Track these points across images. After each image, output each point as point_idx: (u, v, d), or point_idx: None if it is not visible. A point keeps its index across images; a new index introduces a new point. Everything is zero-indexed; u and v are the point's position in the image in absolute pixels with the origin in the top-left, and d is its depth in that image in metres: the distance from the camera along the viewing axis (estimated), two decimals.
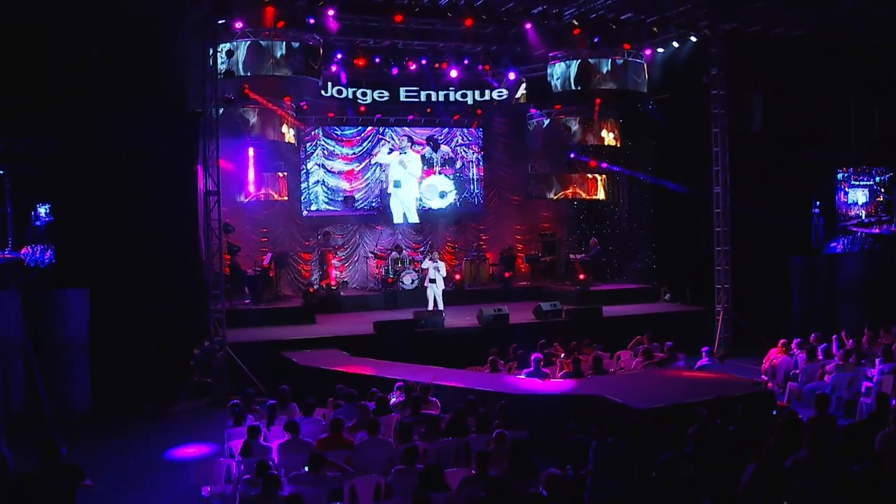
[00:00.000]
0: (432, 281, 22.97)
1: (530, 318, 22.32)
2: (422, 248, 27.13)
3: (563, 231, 29.14)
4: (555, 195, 28.18)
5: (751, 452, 9.86)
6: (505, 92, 26.88)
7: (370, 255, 26.84)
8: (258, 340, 20.57)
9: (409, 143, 27.59)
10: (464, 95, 26.80)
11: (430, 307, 22.77)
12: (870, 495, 9.05)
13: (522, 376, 15.76)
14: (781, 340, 18.28)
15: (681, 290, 25.22)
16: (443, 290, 23.27)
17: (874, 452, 10.40)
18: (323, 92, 24.71)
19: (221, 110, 22.61)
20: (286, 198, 25.73)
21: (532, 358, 15.85)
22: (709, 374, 15.93)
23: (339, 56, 24.66)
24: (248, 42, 21.04)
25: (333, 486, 9.99)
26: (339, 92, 25.56)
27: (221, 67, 20.62)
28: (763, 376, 17.92)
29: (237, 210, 25.22)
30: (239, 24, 20.64)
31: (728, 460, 9.87)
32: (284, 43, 21.13)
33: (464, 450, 11.50)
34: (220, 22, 19.83)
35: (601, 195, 28.13)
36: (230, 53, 20.17)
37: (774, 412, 11.93)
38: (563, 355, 17.80)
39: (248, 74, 21.27)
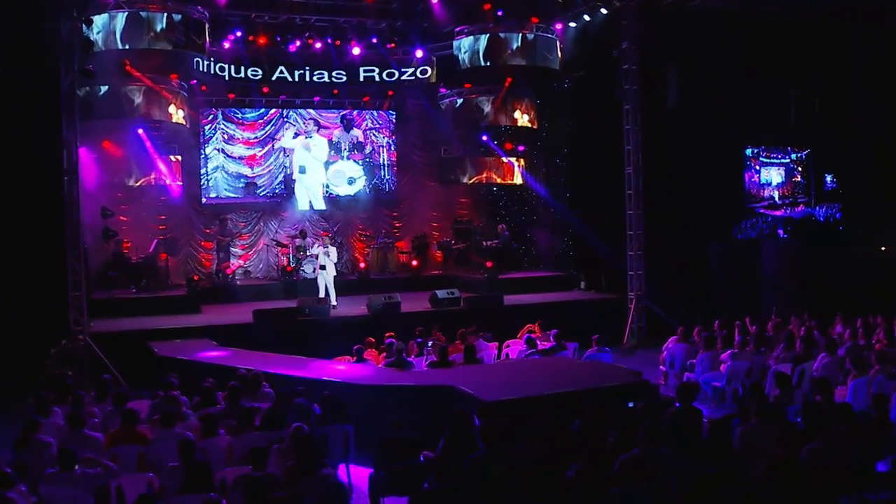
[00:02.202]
0: (322, 268, 21.54)
1: (427, 307, 20.93)
2: (330, 235, 25.56)
3: (480, 217, 27.66)
4: (469, 180, 26.97)
5: (590, 450, 8.55)
6: (410, 70, 25.33)
7: (272, 242, 25.25)
8: (132, 330, 19.23)
9: (316, 127, 26.09)
10: (371, 75, 25.24)
11: (322, 295, 21.31)
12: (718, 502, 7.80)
13: (382, 365, 14.42)
14: (680, 328, 17.01)
15: (596, 278, 23.90)
16: (334, 278, 21.84)
17: (732, 451, 9.10)
18: (216, 70, 23.14)
19: (105, 89, 21.52)
20: (180, 182, 24.21)
21: (394, 347, 14.54)
22: (588, 365, 14.59)
23: (238, 33, 23.22)
24: (127, 13, 19.70)
25: (98, 485, 8.52)
26: (238, 71, 23.98)
27: (98, 38, 19.33)
28: (661, 366, 16.71)
29: (131, 195, 23.91)
30: None
31: (562, 459, 8.47)
32: (165, 15, 19.87)
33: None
34: None
35: (518, 179, 26.85)
36: (89, 23, 18.51)
37: (631, 404, 10.53)
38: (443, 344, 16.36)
39: (127, 47, 19.94)
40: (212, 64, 23.10)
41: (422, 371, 14.33)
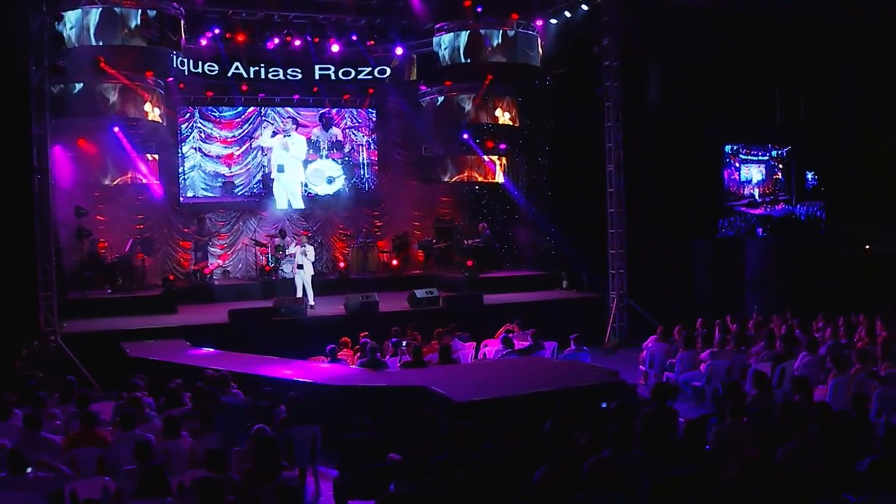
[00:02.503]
0: (300, 267, 21.22)
1: (406, 307, 20.67)
2: (310, 235, 25.26)
3: (462, 216, 27.38)
4: (450, 178, 26.72)
5: (560, 452, 8.27)
6: (388, 70, 24.98)
7: (251, 242, 24.94)
8: (105, 331, 18.87)
9: (294, 126, 25.77)
10: (350, 73, 24.93)
11: (299, 295, 21.02)
12: None
13: (356, 366, 14.16)
14: (660, 327, 16.79)
15: (578, 277, 23.65)
16: (312, 277, 21.54)
17: (707, 451, 8.86)
18: (186, 66, 22.82)
19: (80, 87, 21.25)
20: (157, 181, 23.88)
21: (368, 346, 14.28)
22: (564, 364, 14.34)
23: (215, 31, 22.90)
24: (101, 9, 19.39)
25: (51, 490, 8.25)
26: (216, 69, 23.65)
27: (71, 34, 19.15)
28: (641, 366, 16.48)
29: (108, 194, 23.66)
30: None
31: (531, 461, 8.20)
32: (139, 11, 19.56)
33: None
34: None
35: (500, 178, 26.59)
36: (59, 18, 18.21)
37: (604, 405, 10.27)
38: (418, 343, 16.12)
39: (101, 44, 19.62)
40: (189, 61, 22.88)
41: (395, 371, 14.07)
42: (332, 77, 24.83)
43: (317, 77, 24.70)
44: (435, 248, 26.03)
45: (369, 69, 24.87)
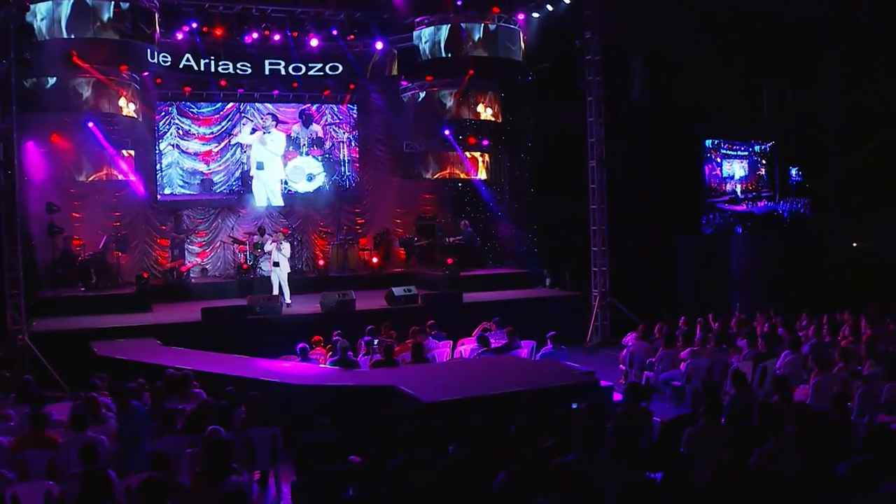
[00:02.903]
0: (276, 264, 20.84)
1: (384, 305, 20.34)
2: (290, 232, 24.90)
3: (445, 213, 26.99)
4: (432, 175, 26.29)
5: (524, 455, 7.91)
6: (371, 63, 24.58)
7: (230, 240, 24.54)
8: (76, 329, 18.41)
9: (274, 122, 25.35)
10: (333, 68, 24.53)
11: (275, 293, 20.64)
12: None
13: (327, 365, 13.80)
14: (641, 325, 16.46)
15: (561, 275, 23.30)
16: (289, 275, 21.20)
17: (680, 454, 8.51)
18: (162, 61, 22.35)
19: (53, 81, 20.87)
20: (133, 178, 23.45)
21: (338, 345, 13.92)
22: (539, 364, 14.00)
23: (193, 25, 22.48)
24: (73, 1, 19.05)
25: None
26: (188, 63, 23.22)
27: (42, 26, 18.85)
28: (621, 365, 16.13)
29: (84, 191, 23.34)
30: None
31: (494, 465, 7.83)
32: (112, 3, 19.21)
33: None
34: None
35: (483, 175, 26.22)
36: (26, 8, 17.79)
37: (575, 405, 9.92)
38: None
39: (73, 36, 19.26)
40: (167, 56, 22.46)
41: (365, 371, 13.71)
42: (315, 72, 24.40)
43: (296, 72, 24.25)
44: (416, 245, 25.62)
45: (351, 63, 24.40)
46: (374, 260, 25.32)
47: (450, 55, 22.35)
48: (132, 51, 20.45)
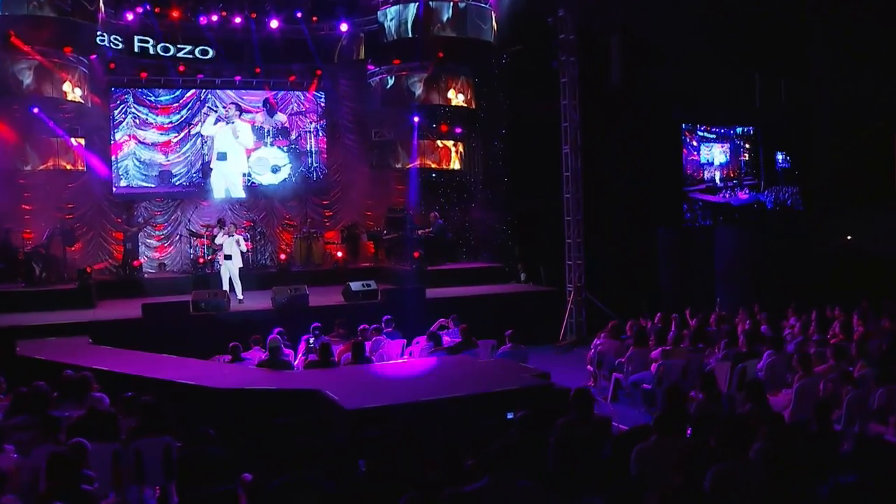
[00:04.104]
0: (227, 258, 19.52)
1: (340, 301, 19.12)
2: (253, 225, 23.61)
3: (416, 205, 25.60)
4: (403, 165, 24.92)
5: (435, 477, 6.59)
6: (338, 48, 23.26)
7: (186, 233, 23.24)
8: (7, 326, 16.93)
9: (238, 112, 23.98)
10: (297, 52, 23.19)
11: (225, 288, 19.32)
12: None
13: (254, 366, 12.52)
14: (611, 322, 15.15)
15: (535, 270, 22.02)
16: (240, 269, 19.92)
17: (630, 475, 7.15)
18: (113, 44, 21.14)
19: None
20: (83, 168, 22.28)
21: (268, 344, 12.59)
22: (491, 365, 12.70)
23: (147, 6, 21.21)
24: None
25: None
26: (143, 46, 21.89)
27: None
28: (589, 366, 14.82)
29: (35, 182, 22.15)
30: None
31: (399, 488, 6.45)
32: None
33: None
34: None
35: (456, 164, 24.89)
36: None
37: (510, 415, 8.56)
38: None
39: (7, 14, 18.28)
40: (117, 39, 21.26)
41: (293, 373, 12.39)
42: (278, 57, 23.27)
43: (262, 59, 23.03)
44: (385, 239, 24.25)
45: (316, 47, 23.10)
46: (339, 254, 23.96)
47: (417, 35, 21.05)
48: (75, 31, 19.39)
